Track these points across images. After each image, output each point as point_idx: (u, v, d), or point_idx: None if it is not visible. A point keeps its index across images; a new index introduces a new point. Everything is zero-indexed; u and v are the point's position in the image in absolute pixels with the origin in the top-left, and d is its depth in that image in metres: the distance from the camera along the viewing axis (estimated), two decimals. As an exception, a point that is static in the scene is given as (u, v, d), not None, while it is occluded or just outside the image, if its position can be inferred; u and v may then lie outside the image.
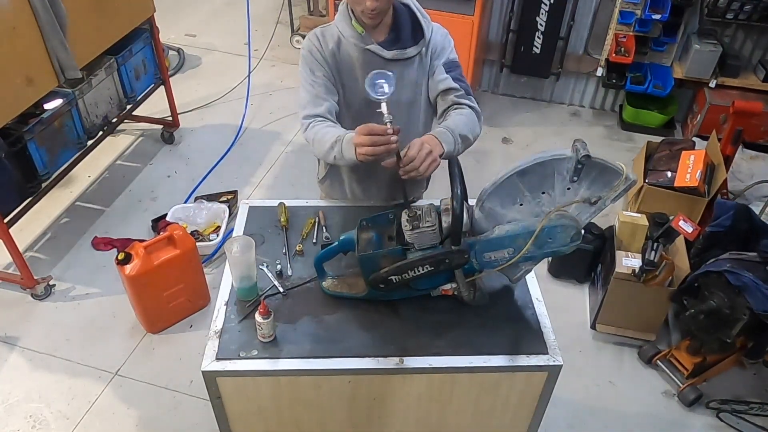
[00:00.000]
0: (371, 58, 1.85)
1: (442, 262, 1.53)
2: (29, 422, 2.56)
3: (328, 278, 1.73)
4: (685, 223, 2.61)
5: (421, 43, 1.87)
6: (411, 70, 1.89)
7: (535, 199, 1.51)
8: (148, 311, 2.83)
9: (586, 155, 1.40)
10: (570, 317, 3.03)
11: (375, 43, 1.84)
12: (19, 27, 2.63)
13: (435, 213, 1.56)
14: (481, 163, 3.90)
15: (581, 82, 4.45)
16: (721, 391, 2.72)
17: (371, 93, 1.60)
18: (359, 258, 1.58)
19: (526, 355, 1.60)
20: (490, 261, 1.56)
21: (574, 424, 2.61)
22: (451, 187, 1.50)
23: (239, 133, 4.15)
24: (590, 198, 1.48)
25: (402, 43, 1.85)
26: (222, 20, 5.40)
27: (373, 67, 1.84)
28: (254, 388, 1.63)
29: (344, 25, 1.85)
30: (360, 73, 1.87)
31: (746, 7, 3.64)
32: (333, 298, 1.71)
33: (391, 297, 1.68)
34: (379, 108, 1.59)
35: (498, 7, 4.22)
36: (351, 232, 1.63)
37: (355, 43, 1.84)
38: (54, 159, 3.04)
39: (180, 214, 3.32)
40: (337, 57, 1.87)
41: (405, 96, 1.92)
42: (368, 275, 1.60)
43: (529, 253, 1.52)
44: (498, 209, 1.53)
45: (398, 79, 1.87)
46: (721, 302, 2.43)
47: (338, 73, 1.88)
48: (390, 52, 1.84)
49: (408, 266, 1.55)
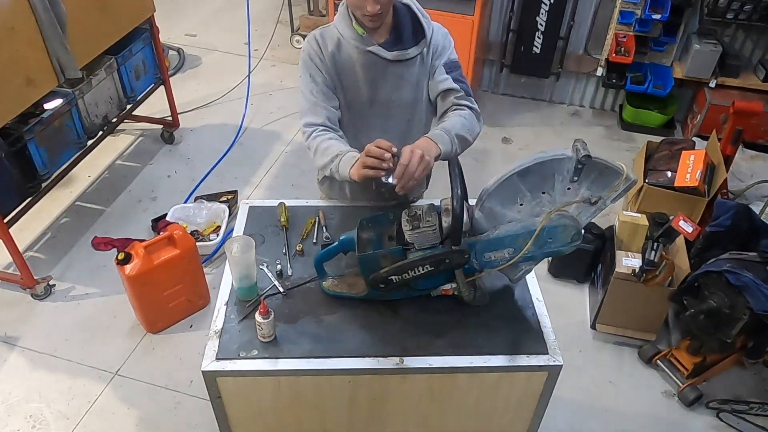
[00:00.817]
0: (372, 59, 1.85)
1: (442, 262, 1.53)
2: (29, 422, 2.56)
3: (328, 278, 1.73)
4: (685, 223, 2.60)
5: (422, 43, 1.86)
6: (412, 70, 1.89)
7: (536, 199, 1.51)
8: (148, 311, 2.83)
9: (587, 155, 1.40)
10: (570, 317, 3.03)
11: (376, 45, 1.83)
12: (19, 27, 2.63)
13: (435, 213, 1.56)
14: (481, 163, 3.90)
15: (581, 82, 4.45)
16: (721, 391, 2.72)
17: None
18: (359, 258, 1.58)
19: (526, 355, 1.60)
20: (490, 261, 1.56)
21: (574, 424, 2.61)
22: (451, 187, 1.50)
23: (239, 133, 4.15)
24: (590, 198, 1.48)
25: (403, 43, 1.85)
26: (222, 20, 5.40)
27: (375, 69, 1.85)
28: (254, 388, 1.63)
29: (344, 26, 1.84)
30: (361, 74, 1.87)
31: (746, 7, 3.64)
32: (333, 298, 1.70)
33: (392, 297, 1.68)
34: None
35: (498, 7, 4.22)
36: (351, 232, 1.63)
37: (356, 45, 1.83)
38: (54, 159, 3.04)
39: (180, 214, 3.32)
40: (337, 59, 1.86)
41: (406, 96, 1.92)
42: (368, 275, 1.60)
43: (530, 253, 1.52)
44: (498, 209, 1.53)
45: (399, 79, 1.88)
46: (721, 302, 2.43)
47: (338, 75, 1.88)
48: (391, 53, 1.84)
49: (408, 266, 1.55)
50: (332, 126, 1.87)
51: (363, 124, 1.96)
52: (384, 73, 1.87)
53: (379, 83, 1.89)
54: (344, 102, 1.92)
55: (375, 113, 1.94)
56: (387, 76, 1.88)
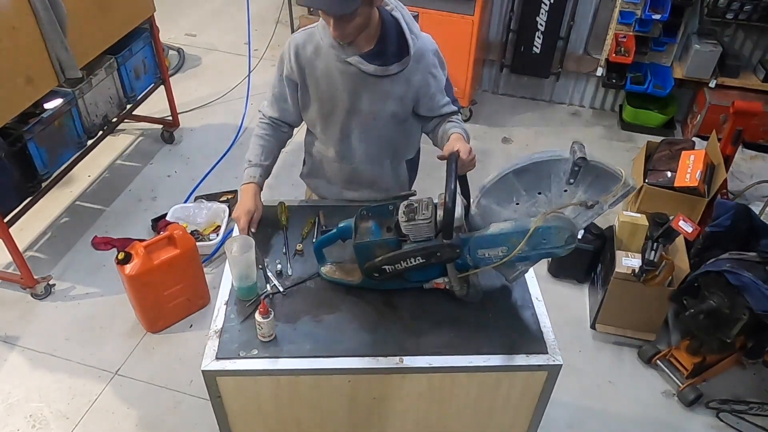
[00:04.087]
0: (352, 70, 1.81)
1: (433, 254, 1.56)
2: (29, 422, 2.56)
3: (327, 264, 1.76)
4: (685, 223, 2.60)
5: (405, 60, 1.81)
6: (396, 85, 1.85)
7: (532, 199, 1.52)
8: (148, 311, 2.83)
9: (582, 157, 1.40)
10: (570, 317, 3.03)
11: (356, 55, 1.79)
12: (19, 26, 2.63)
13: (432, 207, 1.59)
14: (481, 163, 3.81)
15: (581, 82, 4.45)
16: (720, 391, 2.72)
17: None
18: (355, 246, 1.62)
19: (526, 355, 1.60)
20: (484, 258, 1.58)
21: (574, 424, 2.61)
22: (446, 183, 1.52)
23: (239, 133, 4.15)
24: (587, 201, 1.48)
25: (386, 58, 1.80)
26: (222, 20, 5.40)
27: (355, 79, 1.83)
28: (254, 388, 1.63)
29: (325, 33, 1.80)
30: (341, 82, 1.84)
31: (746, 7, 3.64)
32: (333, 297, 1.71)
33: (386, 286, 1.70)
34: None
35: (498, 6, 4.22)
36: (350, 220, 1.67)
37: (336, 54, 1.80)
38: (54, 158, 3.04)
39: (180, 213, 3.32)
40: (316, 65, 1.84)
41: (390, 109, 1.89)
42: (363, 263, 1.63)
43: (523, 253, 1.52)
44: (494, 207, 1.54)
45: (382, 92, 1.86)
46: (721, 302, 2.43)
47: (315, 81, 1.87)
48: (371, 66, 1.79)
49: (401, 257, 1.58)
50: (281, 123, 2.04)
51: (345, 132, 1.95)
52: (365, 84, 1.84)
53: (361, 93, 1.86)
54: (323, 109, 1.91)
55: (357, 122, 1.93)
56: (368, 87, 1.85)
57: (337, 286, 1.75)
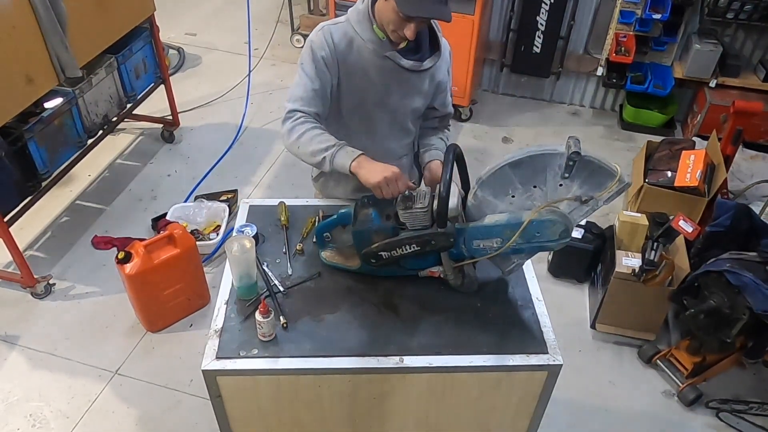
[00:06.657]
0: (388, 64, 1.83)
1: (427, 242, 1.59)
2: (29, 421, 2.56)
3: (327, 249, 1.79)
4: (685, 222, 2.61)
5: (435, 56, 1.88)
6: (423, 80, 1.90)
7: (527, 193, 1.53)
8: (148, 310, 2.83)
9: (576, 152, 1.41)
10: (570, 317, 3.03)
11: (394, 51, 1.81)
12: (20, 26, 2.63)
13: (429, 197, 1.62)
14: (481, 163, 3.89)
15: (581, 81, 4.45)
16: (720, 390, 2.72)
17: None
18: (353, 232, 1.66)
19: (526, 355, 1.60)
20: (479, 249, 1.60)
21: (574, 424, 2.61)
22: (442, 173, 1.54)
23: (239, 133, 4.15)
24: (581, 196, 1.48)
25: (421, 54, 1.86)
26: (222, 19, 5.40)
27: (389, 74, 1.85)
28: (254, 387, 1.63)
29: (363, 28, 1.79)
30: (375, 77, 1.84)
31: (746, 7, 3.64)
32: (333, 297, 1.71)
33: (382, 273, 1.73)
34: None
35: (498, 6, 4.22)
36: (351, 207, 1.71)
37: (374, 49, 1.80)
38: (54, 158, 3.04)
39: (180, 213, 3.32)
40: (348, 59, 1.82)
41: (414, 104, 1.94)
42: (361, 249, 1.67)
43: (517, 246, 1.54)
44: (490, 199, 1.56)
45: (412, 88, 1.91)
46: (721, 302, 2.43)
47: (347, 76, 1.83)
48: (408, 62, 1.83)
49: (397, 243, 1.62)
50: (321, 118, 1.84)
51: (365, 126, 1.94)
52: (398, 79, 1.87)
53: (392, 89, 1.88)
54: (350, 103, 1.90)
55: (380, 118, 1.93)
56: (401, 82, 1.88)
57: (338, 286, 1.75)
